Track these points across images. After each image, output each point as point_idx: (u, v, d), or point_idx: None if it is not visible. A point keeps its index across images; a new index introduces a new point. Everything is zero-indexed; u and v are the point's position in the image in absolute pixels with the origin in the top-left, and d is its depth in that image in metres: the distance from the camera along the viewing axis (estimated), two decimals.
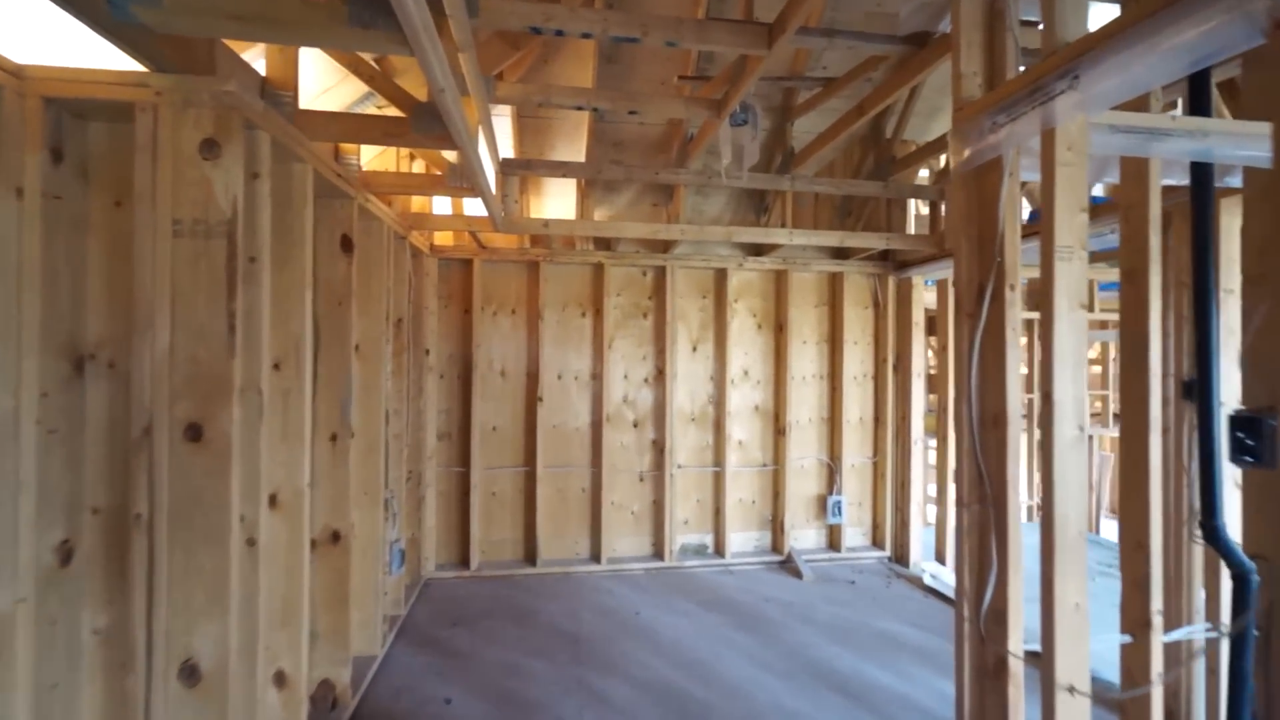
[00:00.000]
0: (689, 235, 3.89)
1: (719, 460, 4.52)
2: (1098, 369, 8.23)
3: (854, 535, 4.72)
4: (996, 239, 1.62)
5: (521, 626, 3.49)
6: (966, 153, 1.66)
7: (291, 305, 2.09)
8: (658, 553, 4.43)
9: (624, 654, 3.19)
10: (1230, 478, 2.01)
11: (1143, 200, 1.73)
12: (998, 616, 1.63)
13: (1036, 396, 4.92)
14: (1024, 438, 6.74)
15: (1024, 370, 7.51)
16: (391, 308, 3.33)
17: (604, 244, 4.41)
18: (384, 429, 3.03)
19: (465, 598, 3.87)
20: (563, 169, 3.75)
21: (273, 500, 2.02)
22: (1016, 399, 1.61)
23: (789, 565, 4.43)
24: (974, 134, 1.63)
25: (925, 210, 4.87)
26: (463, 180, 2.89)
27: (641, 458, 4.47)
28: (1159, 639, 1.71)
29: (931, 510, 4.84)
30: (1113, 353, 8.25)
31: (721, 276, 4.51)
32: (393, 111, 2.60)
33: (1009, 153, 1.59)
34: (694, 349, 4.53)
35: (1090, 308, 5.48)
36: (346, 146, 2.72)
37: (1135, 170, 1.75)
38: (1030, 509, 6.61)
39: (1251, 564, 1.56)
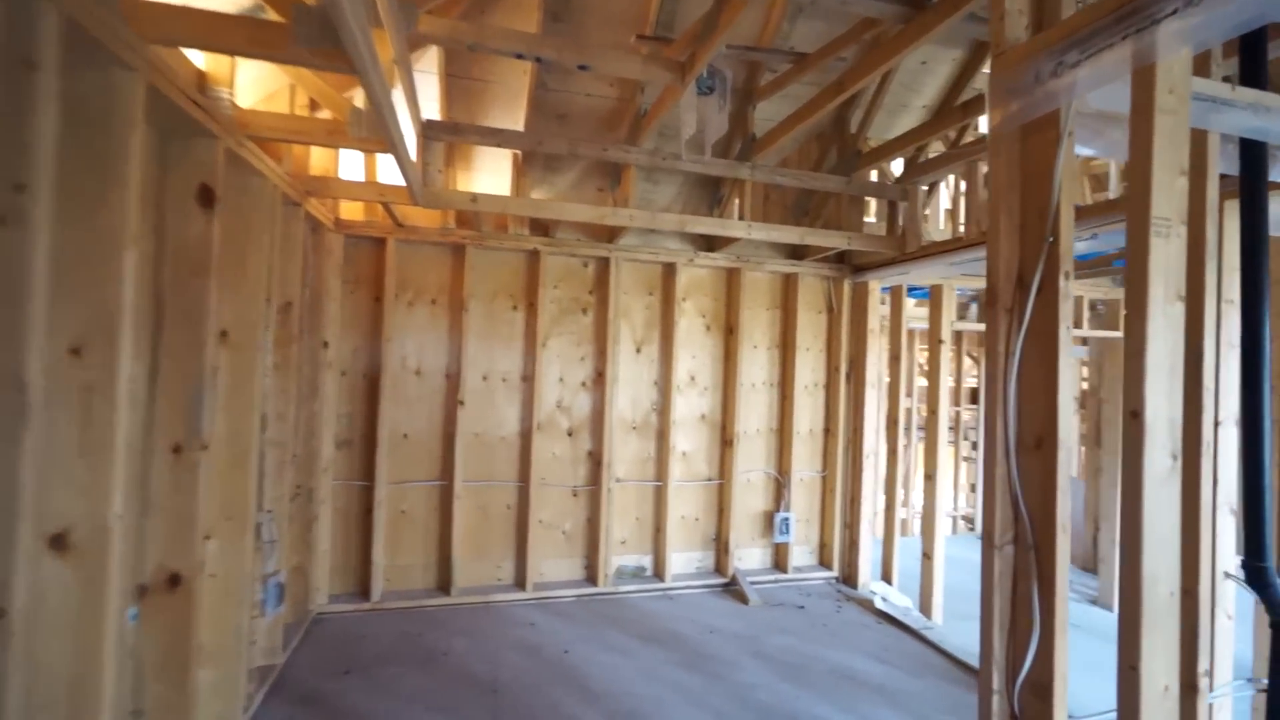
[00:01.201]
0: (639, 221, 3.48)
1: (661, 474, 4.12)
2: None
3: (801, 554, 4.44)
4: (1050, 213, 1.29)
5: (429, 672, 2.93)
6: (1012, 108, 1.33)
7: (104, 266, 1.50)
8: (590, 577, 3.97)
9: (550, 705, 2.71)
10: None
11: (1198, 182, 1.46)
12: (1039, 690, 1.29)
13: (1114, 414, 4.70)
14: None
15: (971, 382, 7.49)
16: (277, 287, 2.72)
17: (541, 229, 3.93)
18: (258, 436, 2.42)
19: (363, 637, 3.25)
20: (496, 137, 3.25)
21: (58, 542, 1.42)
22: (1069, 417, 1.29)
23: (734, 588, 4.09)
24: (1023, 84, 1.30)
25: (873, 219, 4.70)
26: (370, 130, 2.34)
27: (575, 470, 4.00)
28: (1205, 703, 1.43)
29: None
30: None
31: (670, 272, 4.13)
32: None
33: (1068, 106, 1.27)
34: (638, 350, 4.12)
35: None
36: (215, 74, 2.11)
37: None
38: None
39: None
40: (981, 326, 4.57)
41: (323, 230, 3.42)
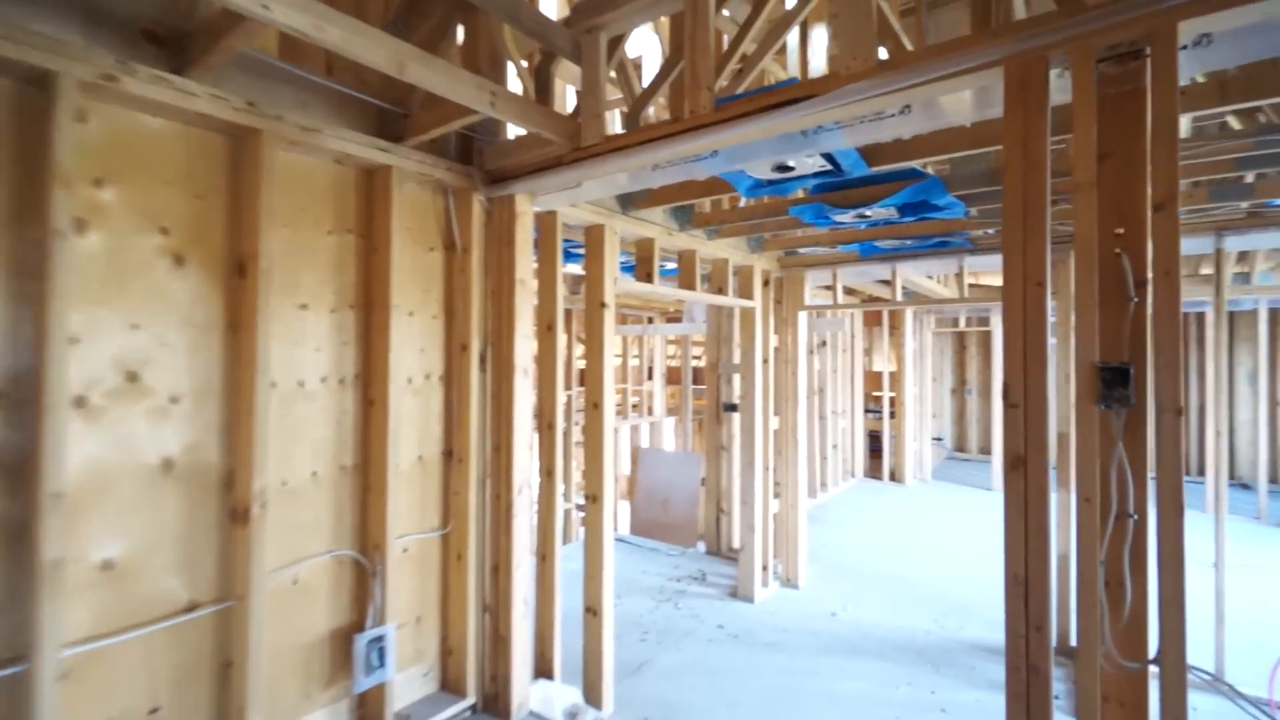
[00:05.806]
0: None
1: (27, 635, 1.54)
2: (618, 360, 8.46)
3: (411, 683, 2.47)
4: None
5: None
6: None
7: None
8: None
9: None
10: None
11: None
12: None
13: (749, 389, 3.46)
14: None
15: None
16: None
17: None
18: None
19: None
20: None
21: None
22: None
23: None
24: None
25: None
26: None
27: None
28: None
29: None
30: (642, 348, 8.46)
31: (32, 101, 1.54)
32: None
33: None
34: None
35: (650, 277, 3.77)
36: None
37: None
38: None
39: None
40: (647, 287, 3.41)
41: None
